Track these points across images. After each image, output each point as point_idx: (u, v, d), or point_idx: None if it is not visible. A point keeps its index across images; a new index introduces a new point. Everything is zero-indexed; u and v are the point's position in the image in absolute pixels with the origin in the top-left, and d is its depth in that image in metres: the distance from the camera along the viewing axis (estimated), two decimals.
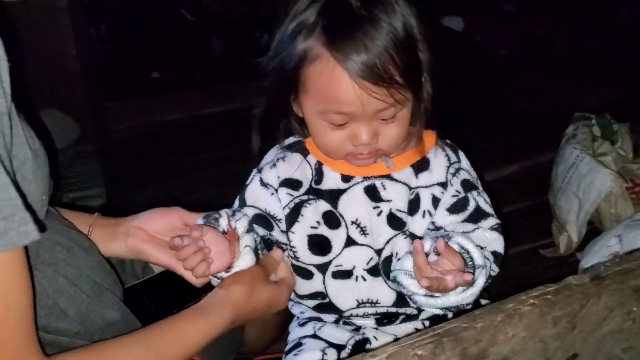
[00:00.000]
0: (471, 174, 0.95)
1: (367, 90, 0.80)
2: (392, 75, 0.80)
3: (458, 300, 0.82)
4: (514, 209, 2.00)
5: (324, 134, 0.87)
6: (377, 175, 0.93)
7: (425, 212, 0.91)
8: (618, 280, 0.69)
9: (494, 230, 0.90)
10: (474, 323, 0.62)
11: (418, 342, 0.59)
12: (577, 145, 1.75)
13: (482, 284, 0.82)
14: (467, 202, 0.91)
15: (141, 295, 1.02)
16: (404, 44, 0.80)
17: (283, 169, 0.96)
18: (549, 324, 0.66)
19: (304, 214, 0.94)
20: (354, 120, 0.84)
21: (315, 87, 0.83)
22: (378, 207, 0.92)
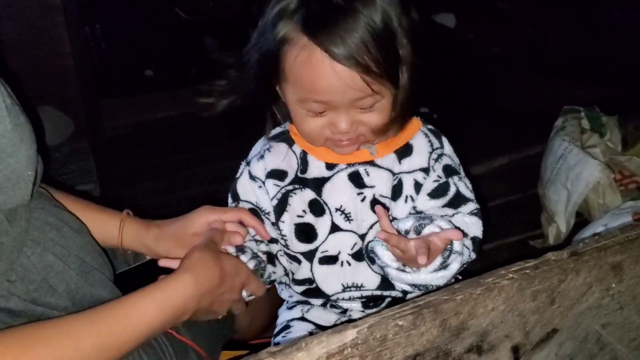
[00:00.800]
0: (453, 160, 0.96)
1: (343, 80, 0.81)
2: (368, 66, 0.80)
3: (427, 280, 0.83)
4: (504, 201, 2.03)
5: (303, 121, 0.88)
6: (361, 162, 0.94)
7: (408, 197, 0.93)
8: (596, 257, 0.70)
9: (473, 215, 0.91)
10: (453, 295, 0.63)
11: (399, 313, 0.61)
12: (565, 137, 1.77)
13: (456, 270, 0.84)
14: (448, 187, 0.92)
15: (132, 281, 1.03)
16: (381, 36, 0.81)
17: (269, 160, 0.97)
18: (528, 298, 0.67)
19: (291, 203, 0.95)
20: (332, 109, 0.85)
21: (294, 75, 0.84)
22: (362, 193, 0.93)
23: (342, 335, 0.58)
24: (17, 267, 0.74)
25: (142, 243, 0.99)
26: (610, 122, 1.88)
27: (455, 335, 0.65)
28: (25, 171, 0.71)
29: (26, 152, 0.71)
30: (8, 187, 0.70)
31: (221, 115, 0.94)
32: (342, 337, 0.58)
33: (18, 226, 0.72)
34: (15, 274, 0.73)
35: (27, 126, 0.73)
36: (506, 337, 0.69)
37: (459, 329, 0.65)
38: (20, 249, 0.73)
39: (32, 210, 0.77)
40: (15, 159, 0.70)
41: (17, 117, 0.71)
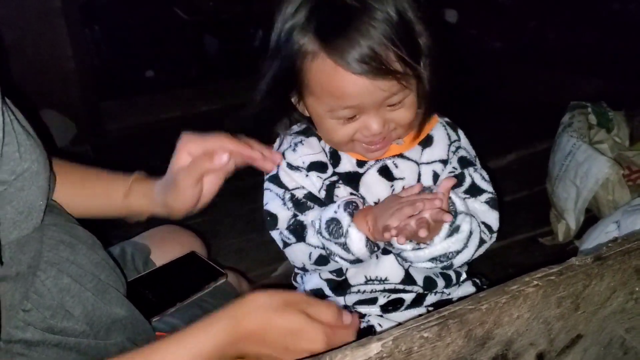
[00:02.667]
0: (469, 152, 0.97)
1: (370, 82, 0.79)
2: (392, 63, 0.79)
3: (445, 247, 0.82)
4: (512, 198, 2.01)
5: (334, 130, 0.87)
6: (388, 156, 0.93)
7: (425, 188, 0.92)
8: (620, 261, 0.69)
9: (485, 203, 0.91)
10: (478, 305, 0.62)
11: (424, 325, 0.60)
12: (573, 134, 1.75)
13: (467, 230, 0.83)
14: (464, 178, 0.92)
15: (143, 289, 1.02)
16: (400, 29, 0.80)
17: (305, 153, 0.94)
18: (552, 305, 0.66)
19: (338, 194, 0.93)
20: (363, 111, 0.84)
21: (320, 87, 0.83)
22: (392, 185, 0.93)
23: (366, 349, 0.57)
24: (32, 295, 0.71)
25: (150, 199, 0.94)
26: (617, 117, 1.87)
27: (481, 345, 0.64)
28: (37, 201, 0.70)
29: (39, 184, 0.70)
30: (21, 220, 0.68)
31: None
32: (367, 350, 0.57)
33: (31, 250, 0.70)
34: (30, 302, 0.71)
35: (42, 157, 0.71)
36: (531, 345, 0.68)
37: (484, 338, 0.63)
38: (34, 273, 0.71)
39: (44, 229, 0.75)
40: (28, 192, 0.68)
41: (34, 152, 0.69)
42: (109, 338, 0.77)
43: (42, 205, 0.71)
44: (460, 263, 0.86)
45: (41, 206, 0.70)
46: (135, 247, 1.10)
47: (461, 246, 0.83)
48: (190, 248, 1.15)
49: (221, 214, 1.91)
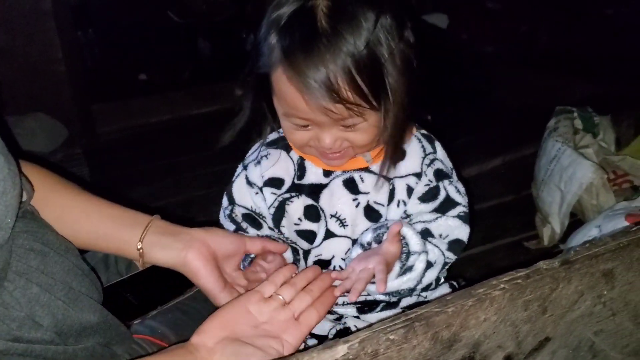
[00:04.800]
0: (445, 164, 0.96)
1: (319, 106, 0.80)
2: (345, 95, 0.80)
3: (396, 286, 0.85)
4: (499, 202, 2.02)
5: (291, 132, 0.89)
6: (356, 169, 0.94)
7: (400, 201, 0.93)
8: (587, 265, 0.70)
9: (457, 218, 0.92)
10: (445, 307, 0.63)
11: (390, 327, 0.61)
12: (558, 138, 1.76)
13: (422, 269, 0.85)
14: (438, 191, 0.93)
15: (124, 292, 1.03)
16: (364, 64, 0.79)
17: (267, 168, 0.97)
18: (519, 308, 0.67)
19: (288, 210, 0.96)
20: (315, 125, 0.85)
21: (279, 90, 0.84)
22: (357, 199, 0.94)
23: (332, 351, 0.58)
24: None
25: (169, 251, 0.89)
26: (603, 121, 1.88)
27: (447, 347, 0.65)
28: (4, 220, 0.68)
29: (6, 202, 0.68)
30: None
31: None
32: (333, 352, 0.58)
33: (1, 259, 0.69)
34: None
35: (10, 175, 0.69)
36: (499, 348, 0.69)
37: (451, 341, 0.64)
38: (1, 284, 0.70)
39: (15, 237, 0.74)
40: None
41: (1, 172, 0.68)
42: (79, 343, 0.77)
43: (10, 222, 0.69)
44: (421, 287, 0.90)
45: (9, 224, 0.69)
46: None
47: (414, 283, 0.86)
48: None
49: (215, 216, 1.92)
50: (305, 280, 0.81)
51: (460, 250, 0.92)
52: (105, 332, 0.81)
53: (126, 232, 0.89)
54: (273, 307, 0.77)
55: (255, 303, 0.77)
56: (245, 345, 0.71)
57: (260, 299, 0.77)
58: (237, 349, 0.71)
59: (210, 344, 0.72)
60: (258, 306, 0.76)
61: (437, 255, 0.88)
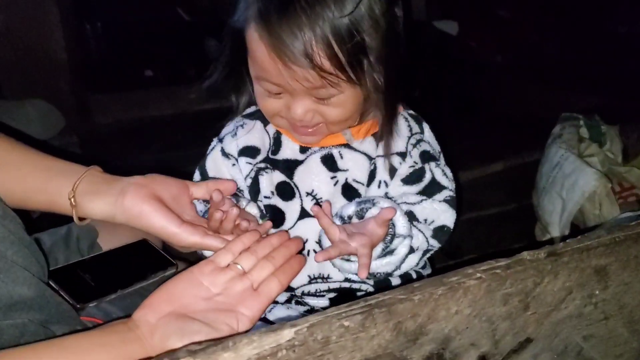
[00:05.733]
0: (433, 146, 0.91)
1: (287, 70, 0.75)
2: (319, 62, 0.74)
3: (372, 268, 0.79)
4: (499, 211, 1.95)
5: (261, 98, 0.84)
6: (336, 145, 0.89)
7: (381, 182, 0.88)
8: (577, 259, 0.62)
9: (444, 202, 0.86)
10: (411, 295, 0.55)
11: (345, 313, 0.53)
12: (562, 145, 1.69)
13: (404, 254, 0.79)
14: (423, 173, 0.87)
15: (83, 272, 0.96)
16: (344, 33, 0.74)
17: (242, 137, 0.92)
18: (497, 302, 0.60)
19: (261, 181, 0.90)
20: (287, 92, 0.80)
21: (251, 51, 0.79)
22: (335, 177, 0.88)
23: (277, 335, 0.51)
24: None
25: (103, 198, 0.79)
26: (610, 131, 1.81)
27: (412, 341, 0.57)
28: None
29: None
30: None
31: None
32: (277, 336, 0.51)
33: None
34: None
35: None
36: (472, 346, 0.61)
37: (416, 333, 0.57)
38: None
39: None
40: None
41: None
42: (7, 318, 0.69)
43: None
44: (401, 272, 0.84)
45: None
46: (83, 228, 1.03)
47: (392, 268, 0.81)
48: (144, 235, 1.09)
49: None
50: (269, 248, 0.74)
51: (445, 238, 0.86)
52: (42, 309, 0.73)
53: (59, 183, 0.79)
54: (229, 277, 0.69)
55: (209, 274, 0.69)
56: (192, 321, 0.64)
57: (214, 269, 0.70)
58: (182, 325, 0.63)
59: (152, 320, 0.64)
60: (212, 277, 0.69)
61: (420, 241, 0.83)
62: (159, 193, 0.80)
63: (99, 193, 0.78)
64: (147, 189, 0.79)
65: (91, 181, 0.80)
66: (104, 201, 0.78)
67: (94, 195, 0.78)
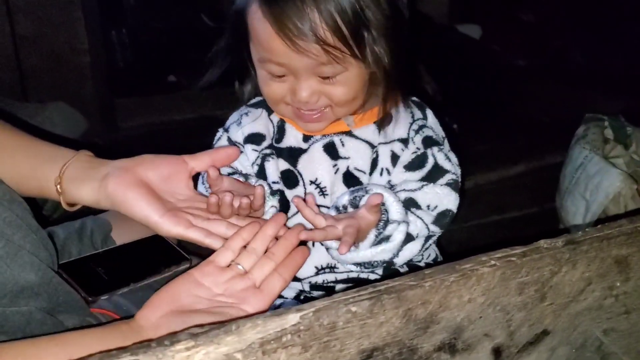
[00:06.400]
0: (436, 132, 0.90)
1: (292, 45, 0.75)
2: (323, 35, 0.74)
3: (368, 256, 0.77)
4: (521, 214, 1.92)
5: (265, 83, 0.83)
6: (337, 132, 0.88)
7: (383, 169, 0.86)
8: (597, 248, 0.60)
9: (447, 186, 0.84)
10: (422, 281, 0.54)
11: (353, 298, 0.51)
12: (586, 146, 1.66)
13: (400, 240, 0.77)
14: (426, 158, 0.86)
15: (96, 266, 0.96)
16: (344, 3, 0.74)
17: (247, 125, 0.92)
18: (512, 291, 0.57)
19: (267, 167, 0.89)
20: (292, 74, 0.79)
21: (254, 32, 0.79)
22: (336, 164, 0.88)
23: (281, 319, 0.49)
24: None
25: (88, 183, 0.76)
26: (636, 133, 1.76)
27: (423, 329, 0.55)
28: None
29: None
30: None
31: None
32: (282, 321, 0.49)
33: None
34: None
35: None
36: (486, 336, 0.59)
37: (427, 321, 0.55)
38: None
39: None
40: None
41: None
42: (14, 305, 0.68)
43: None
44: (402, 262, 0.83)
45: None
46: (96, 222, 1.04)
47: (389, 255, 0.78)
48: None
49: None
50: (267, 241, 0.72)
51: (448, 222, 0.84)
52: (50, 297, 0.72)
53: (47, 168, 0.78)
54: (229, 276, 0.68)
55: (209, 274, 0.68)
56: (196, 314, 0.63)
57: (214, 269, 0.69)
58: (186, 319, 0.62)
59: (153, 319, 0.64)
60: (212, 277, 0.68)
61: (419, 227, 0.81)
62: (146, 176, 0.76)
63: (85, 178, 0.76)
64: (132, 173, 0.76)
65: (78, 166, 0.78)
66: (89, 186, 0.76)
67: (80, 181, 0.76)
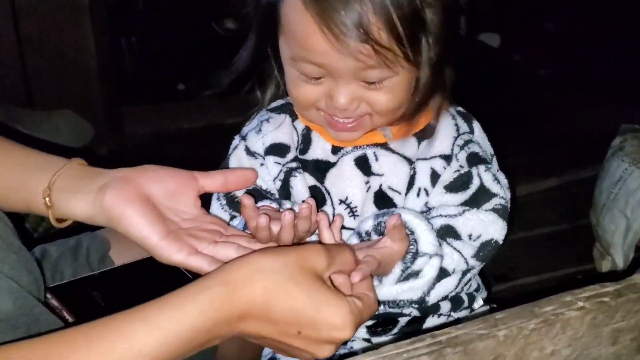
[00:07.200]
0: (483, 148, 0.79)
1: (338, 43, 0.65)
2: (377, 35, 0.65)
3: (393, 294, 0.67)
4: (552, 230, 1.82)
5: (295, 85, 0.72)
6: (371, 144, 0.77)
7: (421, 189, 0.75)
8: None
9: (493, 211, 0.73)
10: (494, 330, 0.42)
11: (408, 353, 0.40)
12: (625, 158, 1.55)
13: (432, 276, 0.66)
14: (470, 178, 0.75)
15: (91, 290, 0.85)
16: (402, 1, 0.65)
17: (268, 133, 0.80)
18: (605, 340, 0.46)
19: (293, 186, 0.78)
20: (331, 76, 0.69)
21: (288, 26, 0.69)
22: (368, 181, 0.77)
23: None
24: None
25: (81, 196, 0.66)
26: None
27: None
28: None
29: None
30: None
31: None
32: None
33: None
34: None
35: None
36: None
37: None
38: None
39: None
40: None
41: None
42: None
43: None
44: (435, 301, 0.71)
45: None
46: (94, 239, 0.93)
47: (419, 294, 0.67)
48: None
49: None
50: None
51: (491, 254, 0.73)
52: (30, 330, 0.61)
53: (35, 179, 0.67)
54: None
55: None
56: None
57: None
58: None
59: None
60: None
61: (456, 261, 0.70)
62: (149, 190, 0.66)
63: (78, 190, 0.66)
64: (134, 185, 0.65)
65: (70, 176, 0.67)
66: (82, 200, 0.65)
67: (71, 192, 0.66)
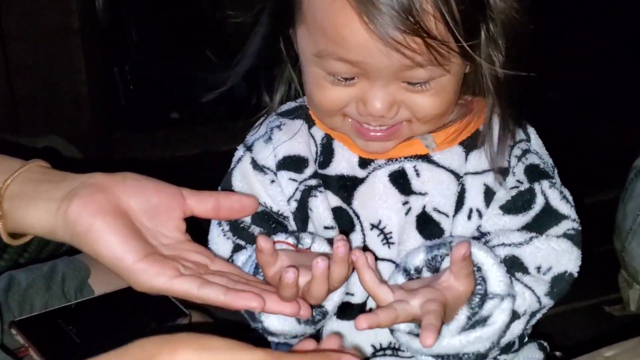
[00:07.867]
0: (543, 158, 0.69)
1: (384, 37, 0.53)
2: (428, 23, 0.54)
3: (456, 346, 0.55)
4: None
5: (319, 87, 0.61)
6: (410, 156, 0.65)
7: (473, 210, 0.65)
8: None
9: (565, 238, 0.63)
10: None
11: None
12: None
13: (504, 322, 0.56)
14: (533, 197, 0.64)
15: (66, 324, 0.74)
16: None
17: (281, 143, 0.69)
18: None
19: (313, 207, 0.66)
20: (365, 76, 0.57)
21: (313, 14, 0.57)
22: (407, 202, 0.65)
23: None
24: None
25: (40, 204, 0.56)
26: None
27: None
28: None
29: None
30: None
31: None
32: None
33: None
34: None
35: None
36: None
37: None
38: None
39: None
40: None
41: None
42: None
43: None
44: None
45: None
46: (71, 264, 0.82)
47: (487, 345, 0.56)
48: None
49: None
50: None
51: (565, 290, 0.64)
52: None
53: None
54: None
55: None
56: None
57: None
58: None
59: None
60: None
61: (528, 301, 0.60)
62: (127, 203, 0.56)
63: (37, 197, 0.55)
64: (108, 195, 0.55)
65: (29, 179, 0.57)
66: (42, 209, 0.54)
67: (29, 200, 0.55)
